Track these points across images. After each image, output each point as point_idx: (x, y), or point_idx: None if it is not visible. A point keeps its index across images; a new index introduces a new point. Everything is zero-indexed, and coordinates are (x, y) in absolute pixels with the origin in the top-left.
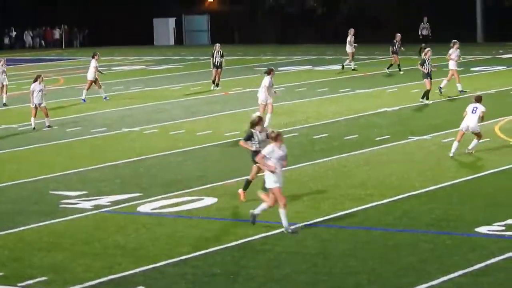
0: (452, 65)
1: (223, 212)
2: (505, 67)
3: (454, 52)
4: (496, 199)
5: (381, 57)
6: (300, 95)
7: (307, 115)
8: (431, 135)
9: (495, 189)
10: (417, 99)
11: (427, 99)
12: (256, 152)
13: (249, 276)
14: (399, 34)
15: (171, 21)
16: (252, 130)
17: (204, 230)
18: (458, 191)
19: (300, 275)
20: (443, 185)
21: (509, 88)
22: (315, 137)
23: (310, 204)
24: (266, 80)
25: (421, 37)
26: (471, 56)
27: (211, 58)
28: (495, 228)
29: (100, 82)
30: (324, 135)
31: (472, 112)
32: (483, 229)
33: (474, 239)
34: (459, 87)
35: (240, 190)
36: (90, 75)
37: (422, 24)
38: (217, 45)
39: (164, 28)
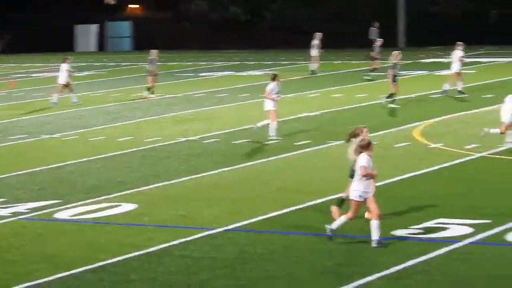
0: (456, 66)
1: (142, 218)
2: (427, 71)
3: (458, 55)
4: (414, 202)
5: (303, 62)
6: (222, 101)
7: (228, 121)
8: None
9: (414, 192)
10: (337, 104)
11: (393, 102)
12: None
13: (168, 282)
14: (380, 40)
15: (94, 28)
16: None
17: (122, 236)
18: (377, 194)
19: (218, 280)
20: None
21: (430, 92)
22: (235, 142)
23: (229, 209)
24: (269, 86)
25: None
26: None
27: (148, 65)
28: (412, 230)
29: (71, 87)
30: (244, 140)
31: None
32: (401, 232)
33: (392, 242)
34: (447, 86)
35: (334, 208)
36: (62, 79)
37: (371, 28)
38: (154, 51)
39: (87, 34)
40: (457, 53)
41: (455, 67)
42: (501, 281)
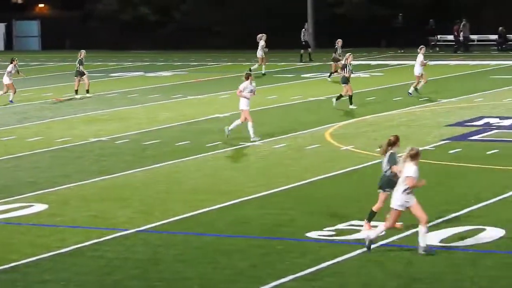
0: (419, 69)
1: (54, 218)
2: (336, 74)
3: (420, 57)
4: (327, 205)
5: (212, 63)
6: (132, 101)
7: (139, 121)
8: (263, 141)
9: (326, 194)
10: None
11: (351, 104)
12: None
13: (81, 282)
14: (340, 40)
15: (1, 27)
16: (391, 151)
17: (34, 237)
18: (290, 196)
19: (131, 281)
20: (275, 190)
21: (339, 94)
22: (146, 143)
23: (141, 210)
24: (242, 84)
25: (303, 43)
26: (302, 63)
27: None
28: (325, 233)
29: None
30: (156, 141)
31: None
32: (313, 234)
33: (305, 244)
34: (411, 90)
35: (365, 222)
36: (7, 80)
37: (303, 30)
38: (82, 51)
39: None
40: (419, 57)
41: (417, 69)
42: (412, 283)
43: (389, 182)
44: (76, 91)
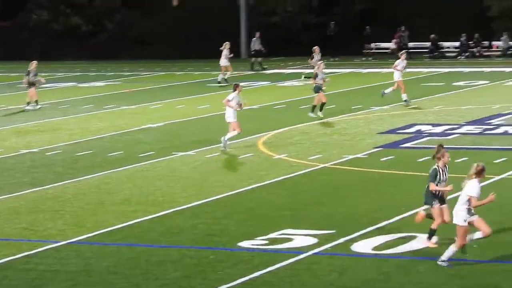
0: (397, 75)
1: None
2: (269, 82)
3: (400, 63)
4: (259, 213)
5: (145, 73)
6: (64, 112)
7: (71, 132)
8: (195, 150)
9: (259, 203)
10: (181, 115)
11: (321, 110)
12: (435, 194)
13: None
14: (317, 47)
15: None
16: (437, 166)
17: None
18: (222, 206)
19: None
20: (207, 200)
21: (272, 103)
22: (78, 154)
23: (73, 222)
24: (230, 95)
25: (253, 52)
26: (236, 72)
27: (29, 76)
28: (258, 242)
29: None
30: (87, 152)
31: None
32: (246, 244)
33: (237, 254)
34: (404, 97)
35: (428, 242)
36: None
37: (254, 39)
38: (34, 63)
39: None
40: (400, 63)
41: (397, 75)
42: None
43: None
44: (36, 101)
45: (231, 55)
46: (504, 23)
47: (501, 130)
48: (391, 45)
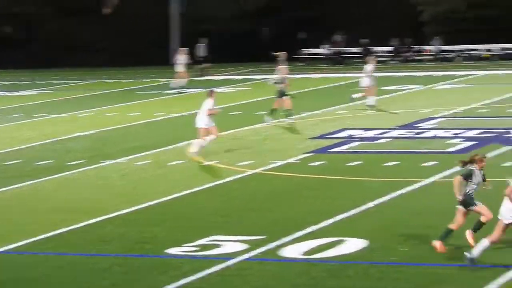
0: (366, 81)
1: None
2: (201, 89)
3: (369, 68)
4: (189, 220)
5: (76, 81)
6: None
7: (1, 141)
8: (125, 158)
9: (189, 210)
10: (111, 123)
11: (271, 114)
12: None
13: None
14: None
15: None
16: (472, 168)
17: None
18: (152, 213)
19: None
20: (137, 207)
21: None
22: (7, 163)
23: (1, 232)
24: (209, 103)
25: (201, 58)
26: (166, 79)
27: None
28: (187, 248)
29: None
30: (17, 161)
31: None
32: (175, 250)
33: (167, 261)
34: (372, 100)
35: (437, 243)
36: None
37: (199, 45)
38: None
39: None
40: (368, 68)
41: (366, 81)
42: None
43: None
44: None
45: (188, 61)
46: (435, 27)
47: (431, 133)
48: (325, 50)
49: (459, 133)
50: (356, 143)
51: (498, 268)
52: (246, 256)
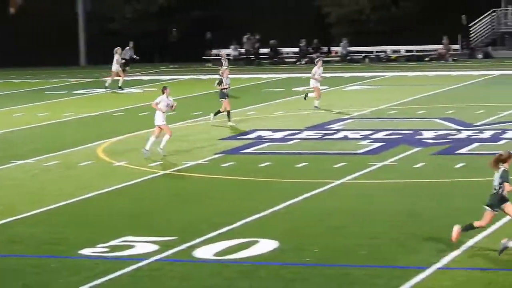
0: (314, 82)
1: None
2: (108, 89)
3: (317, 71)
4: (100, 221)
5: None
6: None
7: None
8: (34, 159)
9: (99, 210)
10: (19, 123)
11: (229, 120)
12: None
13: None
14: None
15: None
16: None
17: None
18: (63, 214)
19: None
20: (47, 208)
21: (111, 110)
22: None
23: None
24: (163, 100)
25: (129, 59)
26: (75, 79)
27: None
28: (99, 249)
29: None
30: None
31: None
32: (87, 251)
33: (78, 262)
34: (316, 103)
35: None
36: None
37: (127, 48)
38: None
39: None
40: (316, 70)
41: (313, 83)
42: None
43: (500, 201)
44: None
45: (123, 60)
46: (342, 29)
47: (340, 135)
48: (232, 51)
49: (368, 135)
50: (266, 144)
51: (410, 269)
52: (158, 257)
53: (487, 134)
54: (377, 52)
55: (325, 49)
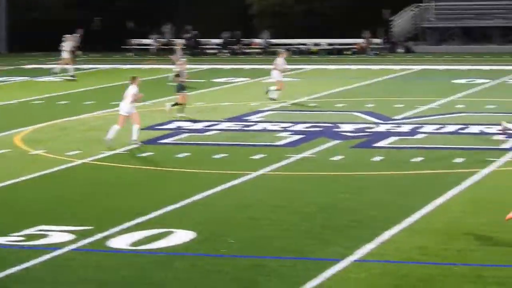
0: (276, 74)
1: None
2: (28, 77)
3: (281, 62)
4: (15, 210)
5: None
6: None
7: None
8: None
9: (15, 199)
10: None
11: (180, 112)
12: None
13: None
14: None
15: None
16: None
17: None
18: None
19: None
20: None
21: (31, 98)
22: None
23: None
24: (133, 89)
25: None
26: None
27: None
28: (13, 238)
29: None
30: None
31: None
32: (1, 240)
33: None
34: (275, 94)
35: None
36: None
37: (74, 35)
38: None
39: None
40: (279, 61)
41: (275, 74)
42: (102, 286)
43: None
44: None
45: (74, 49)
46: (264, 21)
47: (260, 126)
48: (153, 41)
49: (288, 127)
50: (185, 135)
51: (325, 261)
52: (73, 246)
53: (405, 128)
54: (298, 44)
55: (246, 40)
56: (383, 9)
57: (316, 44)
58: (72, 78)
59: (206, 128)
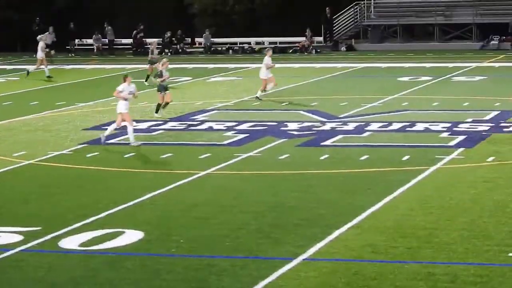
0: (264, 73)
1: None
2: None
3: (268, 61)
4: None
5: None
6: None
7: None
8: None
9: None
10: None
11: (156, 112)
12: None
13: None
14: (155, 40)
15: None
16: None
17: None
18: None
19: None
20: None
21: None
22: None
23: None
24: (120, 87)
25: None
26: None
27: None
28: None
29: None
30: None
31: None
32: None
33: None
34: (259, 93)
35: None
36: None
37: (47, 33)
38: None
39: None
40: (266, 59)
41: (263, 73)
42: (54, 287)
43: None
44: None
45: (47, 49)
46: (205, 20)
47: (205, 126)
48: (94, 42)
49: (233, 126)
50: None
51: (275, 260)
52: (22, 247)
53: (351, 126)
54: (240, 43)
55: (188, 40)
56: (326, 7)
57: (258, 43)
58: (49, 77)
59: (151, 127)
